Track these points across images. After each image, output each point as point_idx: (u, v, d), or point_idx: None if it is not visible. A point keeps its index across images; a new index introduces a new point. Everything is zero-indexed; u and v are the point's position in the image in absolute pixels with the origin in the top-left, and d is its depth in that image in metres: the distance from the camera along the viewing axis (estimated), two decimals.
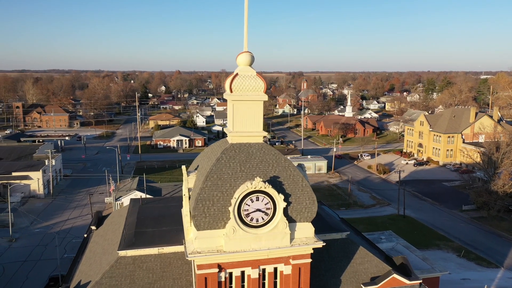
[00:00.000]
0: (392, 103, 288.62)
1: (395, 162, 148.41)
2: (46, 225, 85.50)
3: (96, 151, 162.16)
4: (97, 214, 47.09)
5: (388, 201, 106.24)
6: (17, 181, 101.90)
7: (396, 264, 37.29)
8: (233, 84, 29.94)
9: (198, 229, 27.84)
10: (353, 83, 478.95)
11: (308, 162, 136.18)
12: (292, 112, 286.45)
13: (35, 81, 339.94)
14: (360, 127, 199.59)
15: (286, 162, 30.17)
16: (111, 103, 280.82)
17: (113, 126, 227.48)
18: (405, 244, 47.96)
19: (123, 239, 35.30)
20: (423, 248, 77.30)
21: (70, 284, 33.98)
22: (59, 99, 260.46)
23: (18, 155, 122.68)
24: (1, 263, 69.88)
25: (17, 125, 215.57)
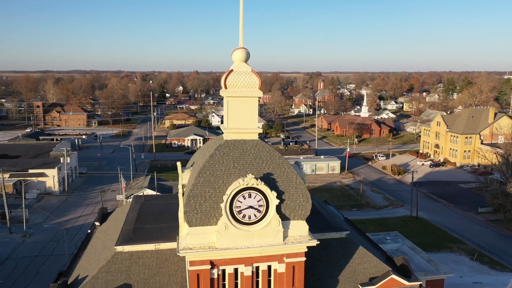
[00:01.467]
0: (410, 104, 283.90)
1: (410, 163, 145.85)
2: (59, 222, 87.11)
3: (112, 149, 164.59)
4: (101, 210, 47.70)
5: (402, 203, 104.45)
6: (33, 178, 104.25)
7: (396, 265, 36.51)
8: (228, 80, 29.83)
9: (190, 225, 27.82)
10: (371, 83, 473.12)
11: (321, 162, 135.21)
12: (308, 112, 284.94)
13: (56, 81, 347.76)
14: (376, 128, 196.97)
15: (280, 159, 29.87)
16: (129, 103, 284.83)
17: (130, 125, 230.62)
18: (410, 246, 47.00)
19: (122, 234, 35.62)
20: (435, 251, 75.81)
21: (68, 279, 34.46)
22: (78, 98, 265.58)
23: (35, 153, 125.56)
24: (14, 257, 71.62)
25: (37, 123, 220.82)
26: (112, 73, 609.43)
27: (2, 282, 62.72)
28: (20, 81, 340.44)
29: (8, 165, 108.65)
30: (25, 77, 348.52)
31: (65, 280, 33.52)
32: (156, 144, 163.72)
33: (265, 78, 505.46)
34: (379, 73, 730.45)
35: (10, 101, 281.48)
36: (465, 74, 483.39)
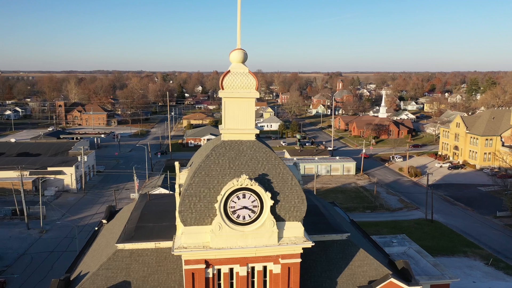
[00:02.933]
0: (431, 104, 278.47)
1: (428, 165, 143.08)
2: (75, 219, 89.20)
3: (130, 148, 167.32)
4: (109, 208, 48.64)
5: (417, 205, 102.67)
6: (51, 176, 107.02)
7: (398, 268, 35.98)
8: (224, 81, 30.04)
9: (185, 224, 28.14)
10: (392, 84, 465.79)
11: (336, 163, 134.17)
12: (326, 112, 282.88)
13: (79, 81, 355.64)
14: (394, 128, 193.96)
15: (276, 160, 29.88)
16: (148, 103, 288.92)
17: (148, 125, 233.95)
18: (417, 249, 46.16)
19: (123, 232, 36.27)
20: (448, 255, 74.29)
21: (71, 275, 35.32)
22: (99, 98, 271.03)
23: (55, 151, 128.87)
24: (30, 252, 73.77)
25: (59, 122, 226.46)
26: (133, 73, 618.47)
27: (18, 276, 64.70)
28: (44, 81, 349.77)
29: (29, 163, 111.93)
30: (49, 77, 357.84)
31: (68, 276, 34.38)
32: (173, 143, 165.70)
33: (284, 78, 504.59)
34: (400, 73, 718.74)
35: (34, 100, 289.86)
36: (490, 74, 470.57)
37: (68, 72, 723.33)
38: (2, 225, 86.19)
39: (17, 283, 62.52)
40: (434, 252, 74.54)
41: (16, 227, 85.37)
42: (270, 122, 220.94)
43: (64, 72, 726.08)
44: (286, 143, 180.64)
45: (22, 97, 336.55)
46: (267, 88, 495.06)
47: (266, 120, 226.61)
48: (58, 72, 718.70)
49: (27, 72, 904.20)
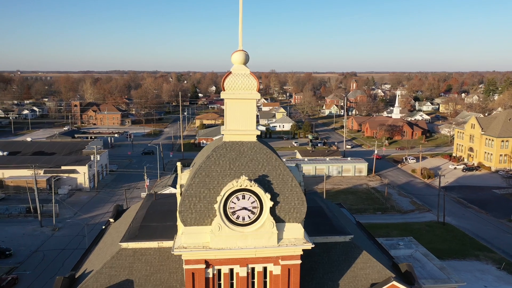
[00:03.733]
0: (447, 105, 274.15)
1: (442, 167, 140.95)
2: (87, 217, 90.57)
3: (143, 148, 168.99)
4: (116, 207, 49.29)
5: (429, 207, 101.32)
6: (65, 175, 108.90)
7: (401, 271, 35.61)
8: (226, 82, 30.20)
9: (185, 224, 28.38)
10: (407, 84, 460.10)
11: (347, 164, 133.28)
12: (339, 113, 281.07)
13: (94, 81, 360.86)
14: (408, 129, 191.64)
15: (276, 162, 29.90)
16: (162, 103, 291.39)
17: (162, 125, 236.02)
18: (424, 252, 45.60)
19: (128, 231, 36.74)
20: (459, 258, 73.16)
21: (76, 272, 35.93)
22: (114, 98, 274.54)
23: (69, 151, 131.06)
24: (42, 250, 75.24)
25: (74, 122, 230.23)
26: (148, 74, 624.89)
27: (30, 273, 66.05)
28: (61, 81, 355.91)
29: (43, 161, 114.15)
30: (65, 78, 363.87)
31: (73, 274, 34.99)
32: (185, 143, 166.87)
33: (298, 78, 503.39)
34: (416, 73, 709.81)
35: (51, 100, 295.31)
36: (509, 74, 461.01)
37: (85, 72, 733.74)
38: (16, 223, 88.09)
39: (28, 279, 63.83)
40: (445, 255, 73.55)
41: (29, 224, 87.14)
42: (282, 123, 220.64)
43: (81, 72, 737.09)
44: (298, 144, 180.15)
45: (39, 97, 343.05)
46: (280, 88, 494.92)
47: (278, 120, 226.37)
48: (75, 72, 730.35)
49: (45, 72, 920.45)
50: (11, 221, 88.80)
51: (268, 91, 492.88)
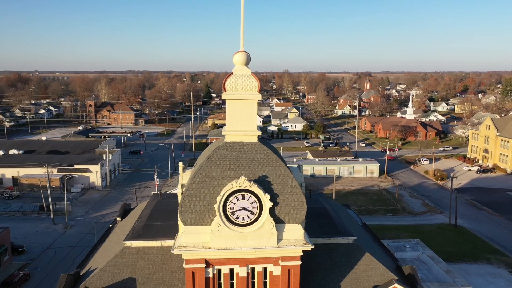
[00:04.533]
0: (462, 105, 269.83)
1: (456, 168, 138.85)
2: (98, 215, 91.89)
3: (155, 147, 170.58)
4: (124, 206, 49.91)
5: (441, 209, 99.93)
6: (78, 173, 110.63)
7: (404, 274, 35.25)
8: (227, 83, 30.33)
9: (185, 224, 28.62)
10: (423, 84, 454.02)
11: (359, 165, 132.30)
12: (352, 113, 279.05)
13: (109, 81, 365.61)
14: (422, 130, 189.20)
15: (277, 162, 29.91)
16: (175, 102, 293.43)
17: (175, 125, 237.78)
18: (430, 255, 45.01)
19: (132, 230, 37.19)
20: (470, 261, 71.97)
21: (81, 270, 36.52)
22: (128, 98, 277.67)
23: (83, 150, 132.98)
24: (54, 247, 76.63)
25: (89, 121, 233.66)
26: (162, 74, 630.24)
27: (41, 269, 67.35)
28: (77, 81, 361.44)
29: (57, 160, 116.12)
30: (81, 78, 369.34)
31: (78, 271, 35.58)
32: (196, 143, 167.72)
33: (311, 78, 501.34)
34: (432, 73, 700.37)
35: (67, 100, 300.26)
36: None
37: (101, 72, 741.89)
38: (30, 220, 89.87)
39: (40, 276, 65.09)
40: (455, 258, 72.50)
41: (42, 222, 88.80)
42: (294, 123, 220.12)
43: (97, 72, 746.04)
44: (310, 144, 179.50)
45: (56, 96, 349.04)
46: (293, 88, 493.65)
47: (290, 120, 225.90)
48: (92, 72, 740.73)
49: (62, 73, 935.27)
50: (25, 219, 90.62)
51: (281, 91, 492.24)
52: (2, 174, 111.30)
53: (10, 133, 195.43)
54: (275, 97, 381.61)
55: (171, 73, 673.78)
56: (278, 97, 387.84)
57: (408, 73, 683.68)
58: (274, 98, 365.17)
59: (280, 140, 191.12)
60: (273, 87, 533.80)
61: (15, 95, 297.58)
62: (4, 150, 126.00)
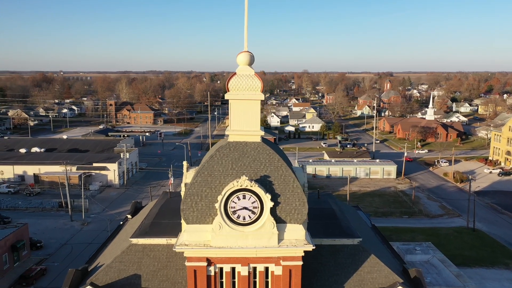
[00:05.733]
0: (486, 106, 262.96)
1: (476, 171, 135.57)
2: (114, 213, 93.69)
3: (173, 147, 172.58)
4: (135, 204, 50.77)
5: (459, 212, 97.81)
6: (96, 171, 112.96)
7: (410, 277, 34.73)
8: (230, 83, 30.55)
9: (187, 222, 28.97)
10: (446, 84, 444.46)
11: (376, 166, 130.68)
12: (371, 114, 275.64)
13: (130, 81, 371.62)
14: (442, 131, 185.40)
15: (279, 162, 29.93)
16: (194, 102, 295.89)
17: (193, 124, 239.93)
18: (441, 258, 44.15)
19: (139, 228, 37.83)
20: (488, 266, 70.23)
21: (89, 266, 37.36)
22: (147, 97, 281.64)
23: (102, 148, 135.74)
24: (71, 243, 78.56)
25: (109, 121, 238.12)
26: (183, 74, 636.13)
27: (58, 264, 69.14)
28: (98, 81, 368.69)
29: (77, 158, 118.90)
30: (103, 78, 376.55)
31: (86, 267, 36.43)
32: (213, 142, 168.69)
33: (331, 78, 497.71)
34: (456, 73, 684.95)
35: (89, 99, 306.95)
36: None
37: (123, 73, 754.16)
38: (49, 216, 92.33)
39: (56, 271, 66.79)
40: (472, 262, 70.89)
41: (61, 218, 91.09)
42: (312, 123, 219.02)
43: (119, 73, 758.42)
44: (327, 145, 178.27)
45: (79, 96, 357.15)
46: (313, 88, 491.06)
47: (308, 120, 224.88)
48: (114, 73, 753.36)
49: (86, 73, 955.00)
50: (44, 215, 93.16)
51: (300, 92, 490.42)
52: (24, 171, 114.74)
53: (33, 132, 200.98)
54: (293, 97, 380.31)
55: (191, 73, 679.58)
56: (297, 97, 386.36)
57: (431, 73, 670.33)
58: (293, 98, 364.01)
59: (297, 140, 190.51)
60: (292, 87, 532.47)
61: (40, 94, 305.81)
62: (26, 148, 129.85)
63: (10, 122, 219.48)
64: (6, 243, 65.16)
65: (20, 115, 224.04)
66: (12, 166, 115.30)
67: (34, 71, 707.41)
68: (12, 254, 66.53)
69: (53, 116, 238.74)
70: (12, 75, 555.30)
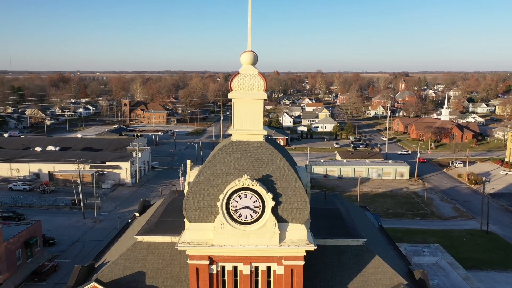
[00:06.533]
0: (504, 107, 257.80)
1: (492, 172, 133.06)
2: (126, 211, 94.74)
3: (185, 146, 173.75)
4: (143, 202, 51.32)
5: (473, 215, 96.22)
6: (108, 170, 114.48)
7: (415, 279, 34.32)
8: (233, 82, 30.67)
9: (189, 221, 29.19)
10: (463, 84, 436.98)
11: (388, 167, 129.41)
12: (385, 114, 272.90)
13: (144, 81, 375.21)
14: (457, 132, 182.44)
15: (281, 162, 29.92)
16: (207, 102, 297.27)
17: (206, 124, 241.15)
18: (449, 261, 43.51)
19: (145, 225, 38.25)
20: (500, 269, 68.96)
21: (96, 262, 37.92)
22: (161, 97, 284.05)
23: (115, 147, 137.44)
24: (83, 240, 79.83)
25: (123, 120, 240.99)
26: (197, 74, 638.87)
27: (69, 261, 70.29)
28: (113, 81, 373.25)
29: (90, 157, 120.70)
30: (117, 78, 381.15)
31: (92, 263, 36.99)
32: None
33: (345, 78, 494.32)
34: (473, 73, 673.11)
35: (104, 99, 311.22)
36: None
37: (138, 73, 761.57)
38: (62, 214, 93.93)
39: (68, 267, 67.86)
40: (484, 265, 69.66)
41: (74, 216, 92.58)
42: (324, 123, 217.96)
43: (134, 73, 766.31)
44: (339, 145, 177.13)
45: (94, 96, 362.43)
46: (326, 88, 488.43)
47: (321, 121, 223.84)
48: (130, 73, 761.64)
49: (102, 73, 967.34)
50: (58, 212, 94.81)
51: (314, 92, 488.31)
52: (39, 169, 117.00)
53: (50, 131, 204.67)
54: (306, 97, 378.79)
55: (205, 73, 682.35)
56: (310, 97, 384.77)
57: (448, 73, 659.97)
58: (306, 98, 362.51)
59: (309, 140, 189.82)
60: (306, 87, 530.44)
61: (57, 94, 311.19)
62: (42, 147, 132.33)
63: (27, 121, 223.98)
64: (20, 239, 66.50)
65: (37, 114, 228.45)
66: (28, 164, 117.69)
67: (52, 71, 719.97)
68: (25, 250, 67.89)
69: (69, 115, 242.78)
70: (30, 75, 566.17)
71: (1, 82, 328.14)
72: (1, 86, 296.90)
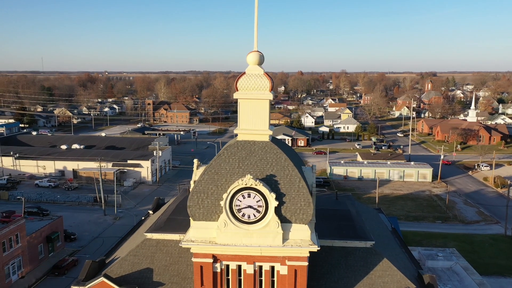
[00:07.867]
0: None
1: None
2: (145, 209, 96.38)
3: (206, 145, 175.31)
4: (157, 200, 52.17)
5: (497, 219, 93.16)
6: (130, 168, 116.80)
7: (424, 283, 33.57)
8: (239, 82, 30.82)
9: (194, 219, 29.54)
10: (493, 84, 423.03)
11: (410, 169, 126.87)
12: (411, 115, 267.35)
13: (169, 81, 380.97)
14: (485, 134, 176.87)
15: (285, 162, 29.87)
16: (230, 102, 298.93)
17: (227, 124, 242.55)
18: (464, 266, 42.28)
19: (155, 223, 38.91)
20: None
21: (107, 258, 38.83)
22: (184, 97, 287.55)
23: (137, 146, 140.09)
24: (103, 236, 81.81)
25: (147, 119, 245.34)
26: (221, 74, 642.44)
27: (89, 256, 72.13)
28: (138, 81, 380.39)
29: (113, 155, 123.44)
30: (142, 78, 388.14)
31: (103, 259, 37.91)
32: None
33: (370, 78, 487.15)
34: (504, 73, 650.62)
35: (129, 99, 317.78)
36: None
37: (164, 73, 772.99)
38: (84, 210, 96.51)
39: None
40: (507, 272, 67.41)
41: (95, 212, 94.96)
42: (347, 124, 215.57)
43: (160, 73, 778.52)
44: (361, 146, 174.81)
45: (120, 95, 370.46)
46: (351, 88, 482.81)
47: (343, 121, 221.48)
48: (155, 73, 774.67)
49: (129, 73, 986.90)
50: (80, 209, 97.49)
51: (337, 92, 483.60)
52: (64, 167, 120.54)
53: (76, 129, 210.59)
54: (329, 97, 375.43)
55: (229, 74, 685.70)
56: (333, 97, 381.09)
57: (477, 73, 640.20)
58: (329, 98, 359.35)
59: (331, 141, 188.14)
60: (329, 88, 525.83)
61: (84, 94, 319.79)
62: (67, 145, 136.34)
63: (55, 120, 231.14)
64: (42, 234, 68.80)
65: (65, 113, 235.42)
66: (54, 162, 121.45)
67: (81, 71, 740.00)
68: (47, 245, 70.18)
69: (95, 114, 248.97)
70: (60, 75, 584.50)
71: (33, 82, 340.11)
72: (32, 86, 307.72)
